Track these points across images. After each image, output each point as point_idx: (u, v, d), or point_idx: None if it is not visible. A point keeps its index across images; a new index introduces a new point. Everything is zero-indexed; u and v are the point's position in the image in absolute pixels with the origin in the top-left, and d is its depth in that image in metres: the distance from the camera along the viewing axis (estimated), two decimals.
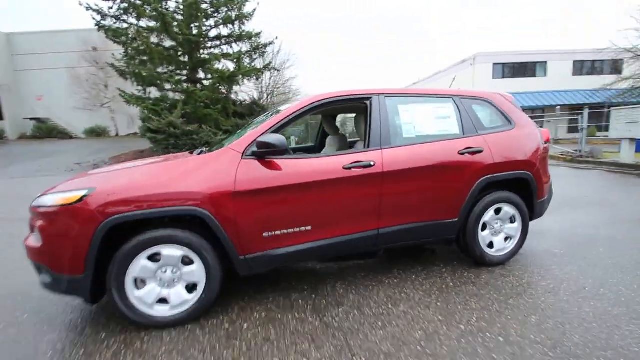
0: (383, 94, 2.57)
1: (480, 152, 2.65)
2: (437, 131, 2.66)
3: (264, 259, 2.17)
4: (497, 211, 2.81)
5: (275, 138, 2.06)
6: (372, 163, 2.34)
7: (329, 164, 2.27)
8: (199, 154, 2.52)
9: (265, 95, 21.91)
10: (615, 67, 25.70)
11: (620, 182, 7.17)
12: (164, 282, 2.02)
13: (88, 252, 1.88)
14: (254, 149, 2.14)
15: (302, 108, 2.34)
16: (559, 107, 17.51)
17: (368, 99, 2.53)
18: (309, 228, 2.24)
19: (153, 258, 1.98)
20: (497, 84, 26.77)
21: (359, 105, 2.58)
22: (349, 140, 3.57)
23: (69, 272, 1.91)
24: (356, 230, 2.37)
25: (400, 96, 2.63)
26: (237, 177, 2.05)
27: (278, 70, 19.80)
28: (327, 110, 2.92)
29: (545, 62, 28.25)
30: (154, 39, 14.62)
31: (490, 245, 2.84)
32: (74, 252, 1.88)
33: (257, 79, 18.01)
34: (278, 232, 2.18)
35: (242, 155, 2.12)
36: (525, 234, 2.93)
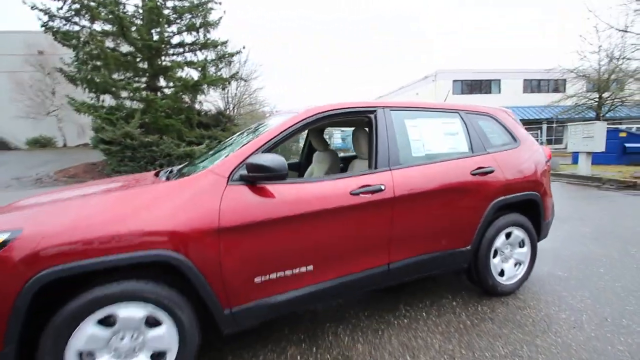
0: (388, 107, 2.25)
1: (492, 172, 2.40)
2: (447, 149, 2.38)
3: (256, 310, 1.72)
4: (507, 235, 2.57)
5: (272, 159, 1.64)
6: (382, 187, 1.98)
7: (333, 189, 1.89)
8: (167, 176, 2.03)
9: (232, 106, 21.17)
10: (557, 86, 28.18)
11: (583, 194, 7.45)
12: (121, 353, 1.49)
13: (9, 321, 1.33)
14: (243, 172, 1.70)
15: (300, 121, 1.94)
16: None
17: (372, 112, 2.19)
18: (310, 268, 1.83)
19: (105, 321, 1.46)
20: (457, 99, 28.15)
21: (362, 118, 2.24)
22: (339, 155, 3.21)
23: None
24: (365, 267, 1.99)
25: (406, 110, 2.33)
26: (221, 208, 1.60)
27: (245, 80, 19.24)
28: (323, 124, 2.56)
29: (499, 80, 30.27)
30: (109, 43, 13.56)
31: (501, 273, 2.58)
32: None
33: (223, 89, 17.34)
34: (273, 276, 1.74)
35: (228, 180, 1.68)
36: (534, 258, 2.72)
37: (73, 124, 22.51)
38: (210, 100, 19.47)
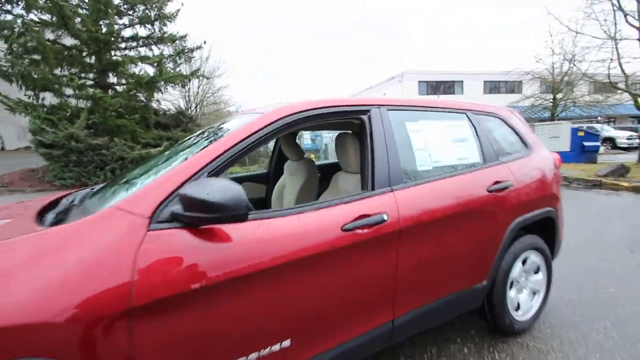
0: (385, 105, 1.71)
1: (510, 187, 1.94)
2: (456, 159, 1.88)
3: None
4: (523, 262, 2.13)
5: (223, 190, 1.01)
6: (384, 216, 1.43)
7: (319, 224, 1.30)
8: (60, 211, 1.34)
9: (194, 105, 19.90)
10: (512, 87, 29.63)
11: None
12: None
13: None
14: (175, 208, 1.07)
15: (268, 125, 1.33)
16: None
17: (365, 112, 1.63)
18: (287, 343, 1.23)
19: None
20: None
21: (350, 121, 1.67)
22: (316, 163, 2.63)
23: None
24: (362, 330, 1.43)
25: (407, 109, 1.80)
26: (136, 272, 0.96)
27: (208, 78, 18.06)
28: (300, 128, 1.96)
29: (462, 82, 31.21)
30: (50, 35, 12.06)
31: (517, 307, 2.14)
32: None
33: (183, 87, 16.16)
34: None
35: (150, 223, 1.04)
36: (550, 285, 2.31)
37: (11, 125, 20.14)
38: (170, 99, 18.13)
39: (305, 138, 18.21)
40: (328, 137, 15.56)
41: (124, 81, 13.07)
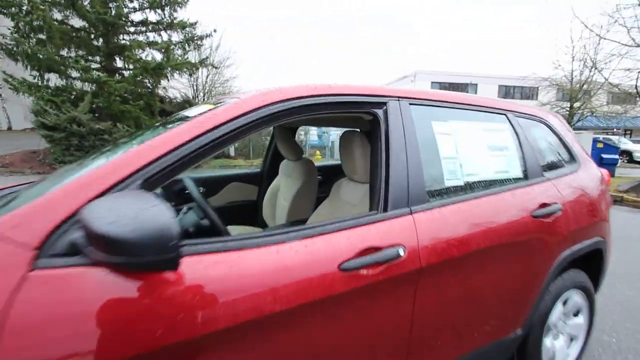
0: (407, 97, 1.30)
1: (558, 211, 1.53)
2: (494, 172, 1.48)
3: None
4: (564, 303, 1.73)
5: (138, 216, 0.63)
6: (399, 251, 1.04)
7: (305, 259, 0.92)
8: None
9: (202, 94, 19.57)
10: (528, 93, 28.88)
11: None
12: None
13: None
14: (77, 236, 0.70)
15: (242, 115, 0.94)
16: None
17: (381, 105, 1.24)
18: None
19: None
20: None
21: (360, 115, 1.28)
22: (316, 164, 2.24)
23: None
24: None
25: (434, 104, 1.39)
26: (5, 335, 0.59)
27: (216, 67, 17.67)
28: (293, 121, 1.57)
29: (476, 84, 30.44)
30: (57, 15, 11.80)
31: (552, 357, 1.74)
32: None
33: (190, 75, 15.84)
34: None
35: (38, 256, 0.66)
36: (591, 330, 1.91)
37: (18, 105, 20.05)
38: (178, 87, 17.80)
39: (312, 134, 17.72)
40: (335, 133, 15.08)
41: (130, 66, 12.79)
